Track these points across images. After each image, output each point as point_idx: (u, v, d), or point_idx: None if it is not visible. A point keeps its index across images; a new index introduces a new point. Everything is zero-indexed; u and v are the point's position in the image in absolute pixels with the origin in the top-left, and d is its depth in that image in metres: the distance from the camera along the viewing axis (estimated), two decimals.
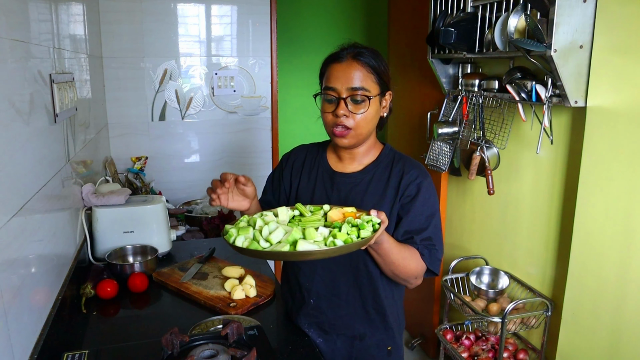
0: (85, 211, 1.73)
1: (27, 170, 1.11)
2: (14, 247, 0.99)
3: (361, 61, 1.18)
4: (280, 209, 1.13)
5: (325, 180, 1.30)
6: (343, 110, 1.17)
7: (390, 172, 1.26)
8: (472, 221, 2.42)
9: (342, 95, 1.17)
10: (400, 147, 2.97)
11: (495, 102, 1.99)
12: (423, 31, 2.34)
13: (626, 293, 1.60)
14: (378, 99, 1.21)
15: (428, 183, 1.25)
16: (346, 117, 1.17)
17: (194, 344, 1.09)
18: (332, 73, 1.20)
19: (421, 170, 1.26)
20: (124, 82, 2.67)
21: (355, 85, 1.17)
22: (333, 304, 1.28)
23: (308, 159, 1.36)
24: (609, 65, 1.57)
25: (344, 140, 1.21)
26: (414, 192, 1.22)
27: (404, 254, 1.17)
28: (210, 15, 2.75)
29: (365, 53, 1.19)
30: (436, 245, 1.22)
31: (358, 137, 1.21)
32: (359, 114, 1.18)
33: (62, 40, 1.59)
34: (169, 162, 2.83)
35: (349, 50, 1.20)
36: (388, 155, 1.30)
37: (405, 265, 1.17)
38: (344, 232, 1.00)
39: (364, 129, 1.21)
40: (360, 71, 1.17)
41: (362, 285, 1.25)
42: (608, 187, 1.61)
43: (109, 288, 1.50)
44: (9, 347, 0.93)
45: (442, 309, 2.60)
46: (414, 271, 1.19)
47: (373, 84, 1.19)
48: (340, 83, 1.17)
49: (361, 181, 1.26)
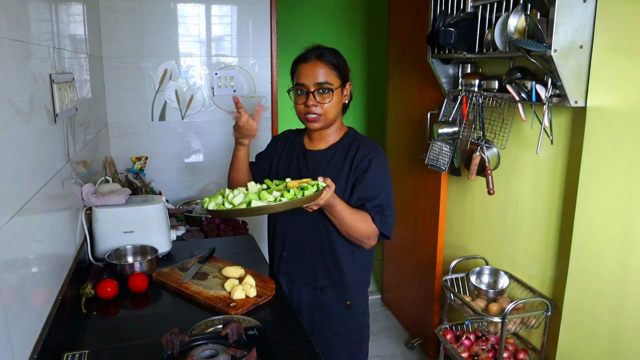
0: (85, 211, 1.73)
1: (27, 170, 1.11)
2: (14, 247, 0.99)
3: (323, 60, 1.44)
4: (250, 184, 1.36)
5: (299, 156, 1.58)
6: (312, 101, 1.44)
7: (349, 150, 1.51)
8: (472, 221, 2.42)
9: (310, 90, 1.44)
10: (400, 146, 2.98)
11: (495, 102, 1.99)
12: (423, 31, 2.34)
13: (626, 293, 1.60)
14: (340, 90, 1.48)
15: (380, 159, 1.47)
16: (315, 106, 1.44)
17: (194, 344, 1.09)
18: (300, 72, 1.46)
19: (374, 147, 1.50)
20: (124, 82, 2.67)
21: (320, 81, 1.43)
22: (299, 258, 1.55)
23: (289, 140, 1.64)
24: (609, 65, 1.57)
25: (315, 125, 1.48)
26: (366, 165, 1.46)
27: (355, 216, 1.39)
28: (210, 15, 2.75)
29: (326, 53, 1.46)
30: (386, 212, 1.43)
31: (326, 121, 1.48)
32: (325, 103, 1.45)
33: (62, 40, 1.59)
34: (169, 162, 2.83)
35: (313, 51, 1.46)
36: (350, 136, 1.55)
37: (357, 226, 1.40)
38: (291, 193, 1.24)
39: (331, 114, 1.47)
40: (323, 68, 1.44)
41: (323, 243, 1.51)
42: (608, 187, 1.61)
43: (109, 288, 1.50)
44: (9, 347, 0.93)
45: (442, 309, 2.60)
46: (366, 232, 1.41)
47: (335, 78, 1.46)
48: (308, 79, 1.44)
49: (325, 157, 1.53)
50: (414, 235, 2.84)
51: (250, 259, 1.85)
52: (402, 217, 2.96)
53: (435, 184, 2.57)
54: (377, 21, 4.25)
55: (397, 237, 3.08)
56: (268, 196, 1.25)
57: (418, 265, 2.83)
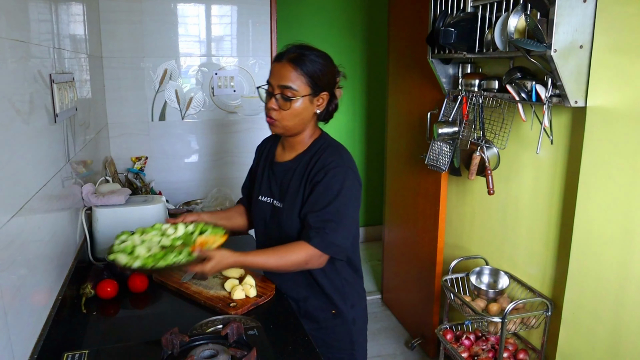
0: (85, 211, 1.73)
1: (27, 170, 1.11)
2: (14, 247, 0.99)
3: (294, 64, 1.32)
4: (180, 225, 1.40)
5: (267, 169, 1.50)
6: (272, 104, 1.35)
7: (310, 161, 1.39)
8: (472, 221, 2.42)
9: (274, 91, 1.34)
10: (400, 146, 2.98)
11: (495, 102, 1.99)
12: (423, 31, 2.34)
13: (626, 293, 1.60)
14: (309, 98, 1.35)
15: (339, 170, 1.34)
16: (274, 110, 1.35)
17: (194, 344, 1.09)
18: (271, 70, 1.37)
19: (337, 157, 1.37)
20: (124, 82, 2.66)
21: (284, 84, 1.32)
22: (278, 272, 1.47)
23: (266, 150, 1.56)
24: (609, 65, 1.57)
25: (273, 128, 1.39)
26: (320, 177, 1.34)
27: (277, 256, 1.31)
28: (210, 15, 2.75)
29: (303, 57, 1.33)
30: (329, 228, 1.30)
31: (284, 128, 1.37)
32: (285, 110, 1.34)
33: (62, 40, 1.59)
34: (169, 162, 2.83)
35: (290, 51, 1.35)
36: (317, 144, 1.42)
37: (284, 263, 1.31)
38: (169, 259, 1.23)
39: (289, 122, 1.36)
40: (292, 73, 1.32)
41: None
42: (608, 187, 1.61)
43: (109, 288, 1.50)
44: (9, 347, 0.93)
45: (442, 309, 2.60)
46: (297, 261, 1.31)
47: (303, 85, 1.33)
48: (274, 80, 1.34)
49: (289, 169, 1.43)
50: (414, 235, 2.84)
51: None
52: (402, 217, 2.97)
53: (435, 184, 2.57)
54: (377, 21, 4.25)
55: (397, 237, 3.08)
56: (144, 254, 1.29)
57: (418, 265, 2.83)
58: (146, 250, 1.29)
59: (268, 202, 1.48)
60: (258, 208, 1.51)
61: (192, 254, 1.24)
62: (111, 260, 1.27)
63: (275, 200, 1.45)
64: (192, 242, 1.32)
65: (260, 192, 1.50)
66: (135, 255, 1.27)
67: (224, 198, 2.65)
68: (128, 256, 1.27)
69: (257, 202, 1.52)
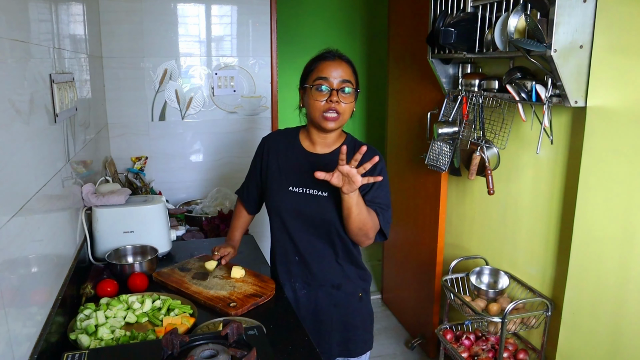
0: (85, 211, 1.73)
1: (27, 170, 1.11)
2: (14, 247, 0.99)
3: (347, 62, 1.46)
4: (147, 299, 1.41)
5: (301, 160, 1.54)
6: (336, 98, 1.41)
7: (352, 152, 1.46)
8: (472, 221, 2.42)
9: (334, 86, 1.41)
10: (400, 146, 2.98)
11: (495, 102, 1.99)
12: (423, 31, 2.34)
13: (626, 293, 1.60)
14: (357, 94, 1.47)
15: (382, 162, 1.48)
16: (338, 103, 1.42)
17: (194, 344, 1.09)
18: (324, 68, 1.43)
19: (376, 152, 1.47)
20: (124, 82, 2.67)
21: (345, 78, 1.43)
22: (315, 259, 1.55)
23: (283, 143, 1.59)
24: (609, 65, 1.57)
25: (331, 124, 1.44)
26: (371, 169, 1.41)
27: (366, 211, 1.42)
28: (210, 15, 2.75)
29: (346, 57, 1.47)
30: (385, 209, 1.48)
31: (342, 121, 1.46)
32: (346, 103, 1.43)
33: (62, 40, 1.59)
34: (169, 162, 2.83)
35: (334, 52, 1.47)
36: (349, 138, 1.57)
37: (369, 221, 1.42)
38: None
39: (347, 115, 1.46)
40: (347, 69, 1.44)
41: (336, 244, 1.52)
42: (608, 187, 1.61)
43: (109, 288, 1.50)
44: (9, 347, 0.93)
45: (442, 309, 2.60)
46: (373, 226, 1.44)
47: (354, 81, 1.46)
48: (333, 76, 1.42)
49: (330, 161, 1.49)
50: (414, 235, 2.84)
51: (251, 259, 1.85)
52: (402, 217, 2.97)
53: (435, 184, 2.57)
54: (377, 21, 4.25)
55: (397, 237, 3.08)
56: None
57: (418, 265, 2.83)
58: (109, 332, 1.26)
59: (301, 193, 1.50)
60: (287, 199, 1.52)
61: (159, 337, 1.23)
62: (72, 340, 1.23)
63: (315, 190, 1.49)
64: (158, 320, 1.33)
65: (289, 184, 1.52)
66: (98, 337, 1.24)
67: (223, 198, 2.65)
68: (90, 337, 1.23)
69: (286, 194, 1.52)
